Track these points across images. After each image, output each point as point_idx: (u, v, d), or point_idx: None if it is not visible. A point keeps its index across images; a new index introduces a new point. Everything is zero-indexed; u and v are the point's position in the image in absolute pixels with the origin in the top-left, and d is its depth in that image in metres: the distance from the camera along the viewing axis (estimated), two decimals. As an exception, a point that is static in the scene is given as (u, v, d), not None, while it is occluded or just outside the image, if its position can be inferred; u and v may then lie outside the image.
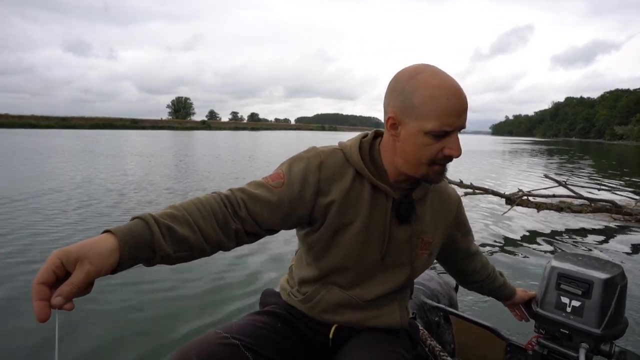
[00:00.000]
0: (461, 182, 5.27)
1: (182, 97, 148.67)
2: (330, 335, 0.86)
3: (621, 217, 5.18)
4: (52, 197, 5.89)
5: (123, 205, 5.61)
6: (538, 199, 5.15)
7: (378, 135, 0.84)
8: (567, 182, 5.81)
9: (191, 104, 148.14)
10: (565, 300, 0.91)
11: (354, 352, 0.82)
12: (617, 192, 6.81)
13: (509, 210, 4.96)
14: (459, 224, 0.94)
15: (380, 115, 0.86)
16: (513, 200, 4.90)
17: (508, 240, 4.21)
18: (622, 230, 4.79)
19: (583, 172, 12.74)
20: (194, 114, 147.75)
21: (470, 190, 5.26)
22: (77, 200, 5.72)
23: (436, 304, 1.33)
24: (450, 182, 5.16)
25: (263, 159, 14.89)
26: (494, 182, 8.88)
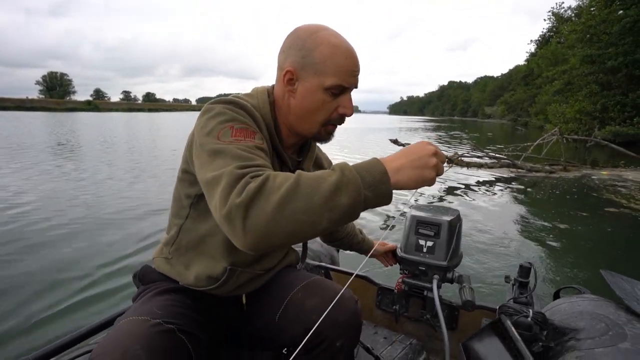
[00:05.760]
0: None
1: (56, 73, 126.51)
2: (244, 301, 0.87)
3: (516, 170, 7.41)
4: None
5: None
6: (467, 160, 7.03)
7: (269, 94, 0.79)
8: (474, 149, 7.86)
9: (70, 81, 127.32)
10: (422, 242, 1.05)
11: (268, 305, 0.84)
12: (508, 153, 9.28)
13: (450, 167, 6.65)
14: None
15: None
16: (452, 160, 6.60)
17: (450, 189, 5.84)
18: (517, 179, 7.00)
19: (472, 142, 16.04)
20: (74, 92, 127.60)
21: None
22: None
23: (317, 263, 1.43)
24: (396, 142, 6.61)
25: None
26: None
